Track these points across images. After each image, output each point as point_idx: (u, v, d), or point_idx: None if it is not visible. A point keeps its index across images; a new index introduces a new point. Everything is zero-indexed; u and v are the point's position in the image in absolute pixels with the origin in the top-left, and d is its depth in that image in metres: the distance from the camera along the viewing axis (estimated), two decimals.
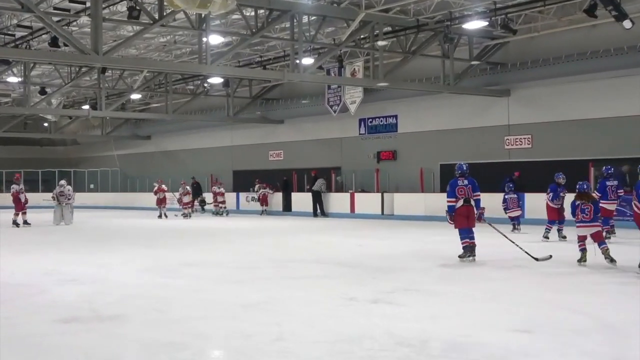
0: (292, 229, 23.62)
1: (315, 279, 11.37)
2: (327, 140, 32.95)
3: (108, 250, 16.50)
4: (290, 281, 11.13)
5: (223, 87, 32.48)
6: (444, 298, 9.37)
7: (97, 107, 32.05)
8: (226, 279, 11.32)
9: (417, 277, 11.40)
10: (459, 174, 13.28)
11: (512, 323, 7.70)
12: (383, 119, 30.39)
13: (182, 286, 10.64)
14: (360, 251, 15.61)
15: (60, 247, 17.62)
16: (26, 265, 13.50)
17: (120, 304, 9.14)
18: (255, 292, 9.90)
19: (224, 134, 38.63)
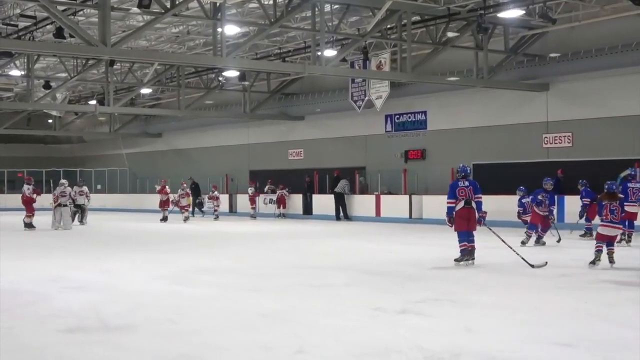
0: (313, 233, 23.60)
1: (338, 287, 11.34)
2: (351, 138, 32.91)
3: (116, 256, 16.56)
4: (312, 289, 11.11)
5: (239, 81, 32.46)
6: (479, 309, 9.30)
7: (105, 102, 32.20)
8: (243, 287, 11.32)
9: (449, 286, 11.32)
10: (461, 176, 13.96)
11: (553, 336, 7.63)
12: (411, 115, 30.31)
13: (196, 294, 10.64)
14: (387, 258, 15.57)
15: (65, 251, 17.69)
16: (29, 271, 13.57)
17: (130, 313, 9.15)
18: (275, 301, 9.88)
19: (240, 131, 38.69)
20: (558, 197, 20.37)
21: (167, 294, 10.75)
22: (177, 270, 13.47)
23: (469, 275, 12.55)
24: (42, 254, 17.04)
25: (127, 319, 8.77)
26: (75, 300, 10.17)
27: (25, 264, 14.85)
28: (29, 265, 14.61)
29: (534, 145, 26.09)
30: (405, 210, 27.74)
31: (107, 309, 9.41)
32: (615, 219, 12.78)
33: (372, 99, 27.91)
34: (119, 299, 10.22)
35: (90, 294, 10.69)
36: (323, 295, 10.57)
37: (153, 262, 15.18)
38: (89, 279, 12.33)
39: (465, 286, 11.34)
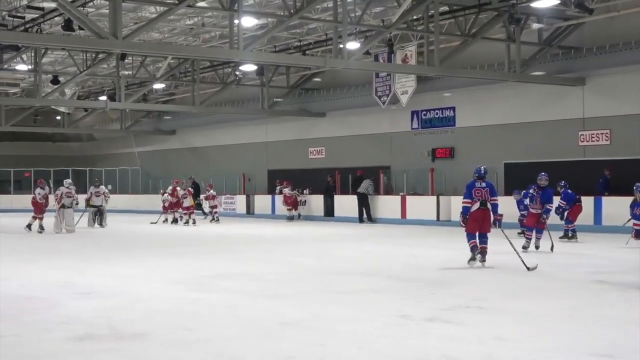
0: (335, 236, 23.60)
1: (362, 293, 11.33)
2: (375, 135, 32.89)
3: (128, 260, 16.63)
4: (335, 296, 11.11)
5: (257, 76, 32.58)
6: (511, 317, 9.27)
7: (116, 98, 32.32)
8: (263, 293, 11.33)
9: (479, 292, 11.30)
10: (477, 177, 14.69)
11: (589, 346, 7.59)
12: (439, 111, 30.25)
13: (213, 301, 10.66)
14: (414, 262, 15.55)
15: (74, 255, 17.78)
16: (37, 276, 13.65)
17: (143, 321, 9.18)
18: (296, 309, 9.89)
19: (258, 128, 38.75)
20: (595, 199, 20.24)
21: (182, 300, 10.77)
22: (193, 276, 13.51)
23: (498, 281, 12.54)
24: (50, 258, 17.13)
25: (140, 326, 8.80)
26: (85, 306, 10.22)
27: (32, 269, 14.94)
28: (37, 270, 14.70)
29: (569, 144, 25.96)
30: (433, 212, 27.67)
31: (119, 316, 9.44)
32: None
33: (397, 94, 27.88)
34: (131, 306, 10.26)
35: (101, 301, 10.73)
36: (346, 302, 10.56)
37: (167, 266, 15.23)
38: (99, 284, 12.39)
39: (495, 292, 11.31)
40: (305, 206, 32.70)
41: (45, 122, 46.48)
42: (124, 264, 15.68)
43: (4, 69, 31.39)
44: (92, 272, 14.33)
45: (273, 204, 34.54)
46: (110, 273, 14.08)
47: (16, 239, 23.36)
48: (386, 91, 28.40)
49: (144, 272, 14.21)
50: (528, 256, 15.24)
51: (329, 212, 31.98)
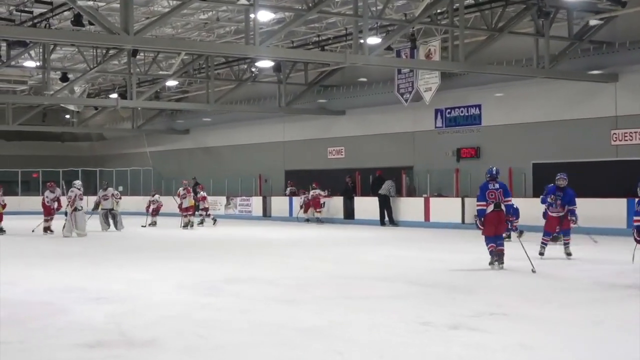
0: (355, 240, 23.60)
1: (383, 299, 11.35)
2: (397, 134, 32.86)
3: (139, 264, 16.72)
4: (354, 302, 11.12)
5: (274, 72, 32.58)
6: (538, 324, 9.27)
7: (127, 96, 32.42)
8: (279, 299, 11.36)
9: (505, 298, 11.31)
10: (489, 178, 15.16)
11: (620, 355, 7.58)
12: (464, 109, 30.20)
13: (227, 306, 10.71)
14: (437, 267, 15.55)
15: (84, 259, 17.88)
16: (44, 281, 13.74)
17: (154, 327, 9.23)
18: (313, 315, 9.92)
19: (275, 127, 38.79)
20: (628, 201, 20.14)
21: (194, 305, 10.81)
22: (206, 280, 13.58)
23: (522, 287, 12.53)
24: (57, 262, 17.23)
25: (151, 333, 8.85)
26: (95, 312, 10.28)
27: (39, 273, 15.04)
28: (44, 274, 14.79)
29: (601, 143, 25.85)
30: (457, 214, 27.62)
31: (129, 322, 9.50)
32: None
33: (420, 91, 27.84)
34: (142, 311, 10.31)
35: (110, 306, 10.79)
36: (366, 308, 10.57)
37: (180, 270, 15.29)
38: (109, 289, 12.46)
39: (521, 299, 11.31)
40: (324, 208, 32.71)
41: (54, 121, 46.65)
42: (134, 268, 15.76)
43: (12, 65, 31.52)
44: (101, 276, 14.41)
45: (290, 206, 34.59)
46: (120, 277, 14.16)
47: (23, 242, 23.48)
48: (409, 88, 28.36)
49: (155, 277, 14.29)
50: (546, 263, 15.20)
51: (349, 214, 31.98)
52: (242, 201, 37.49)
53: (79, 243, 22.71)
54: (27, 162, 47.20)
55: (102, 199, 27.74)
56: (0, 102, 37.71)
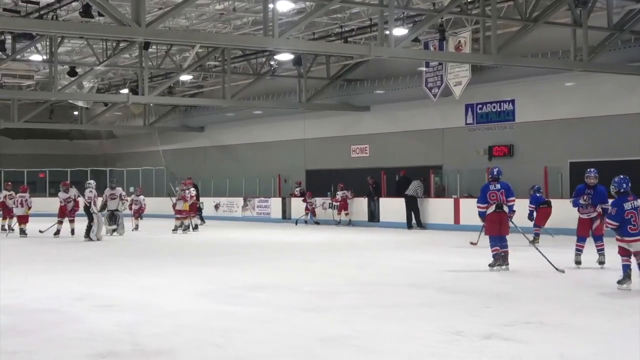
0: (380, 244, 23.59)
1: (411, 307, 11.34)
2: (425, 131, 32.81)
3: (153, 269, 16.76)
4: (381, 310, 11.12)
5: (294, 66, 32.64)
6: (575, 333, 9.25)
7: (139, 91, 32.51)
8: (301, 307, 11.37)
9: (542, 306, 11.28)
10: (491, 179, 15.91)
11: None
12: (496, 104, 30.12)
13: (246, 315, 10.72)
14: (469, 273, 15.54)
15: (94, 265, 17.99)
16: (53, 287, 13.79)
17: (169, 336, 9.26)
18: (337, 324, 9.92)
19: (295, 124, 38.82)
20: None
21: (212, 314, 10.84)
22: (224, 287, 13.62)
23: (559, 294, 12.51)
24: (67, 267, 17.30)
25: (166, 342, 8.88)
26: (106, 321, 10.31)
27: (47, 279, 15.09)
28: (52, 281, 14.84)
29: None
30: None
31: (143, 331, 9.53)
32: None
33: (449, 85, 27.80)
34: (157, 320, 10.34)
35: (123, 314, 10.84)
36: (393, 316, 10.58)
37: (195, 276, 15.33)
38: (121, 297, 12.51)
39: (557, 306, 11.29)
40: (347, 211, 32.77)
41: (61, 118, 46.87)
42: (147, 274, 15.81)
43: (17, 59, 31.76)
44: (113, 282, 14.46)
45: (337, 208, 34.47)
46: (133, 284, 14.22)
47: (30, 246, 23.58)
48: (437, 82, 28.34)
49: (169, 283, 14.33)
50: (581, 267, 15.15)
51: (372, 216, 31.97)
52: (260, 202, 37.56)
53: (89, 248, 22.77)
54: (33, 162, 47.43)
55: (110, 198, 27.23)
56: (5, 98, 37.97)
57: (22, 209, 27.24)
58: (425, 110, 31.87)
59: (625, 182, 13.11)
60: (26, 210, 27.26)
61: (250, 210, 37.85)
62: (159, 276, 15.41)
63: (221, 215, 39.16)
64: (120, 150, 51.95)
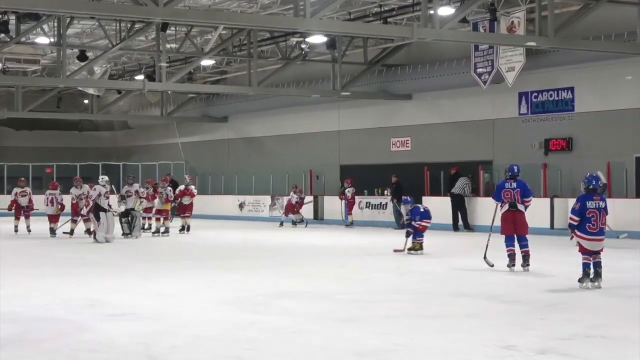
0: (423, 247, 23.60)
1: (457, 318, 11.35)
2: (474, 123, 32.71)
3: (170, 275, 16.83)
4: (423, 321, 11.12)
5: (327, 50, 32.63)
6: None
7: (156, 77, 32.67)
8: (334, 316, 11.40)
9: (599, 317, 11.27)
10: (509, 176, 16.68)
11: None
12: (553, 92, 29.98)
13: (273, 325, 10.75)
14: (522, 281, 15.49)
15: (105, 269, 18.11)
16: (61, 294, 13.88)
17: (189, 349, 9.31)
18: (375, 336, 9.93)
19: (329, 114, 38.80)
20: None
21: (236, 324, 10.87)
22: (250, 294, 13.66)
23: (620, 304, 12.51)
24: (77, 272, 17.41)
25: (185, 356, 8.93)
26: (120, 331, 10.36)
27: (55, 284, 15.21)
28: (60, 286, 14.96)
29: None
30: (545, 217, 27.44)
31: (159, 343, 9.59)
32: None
33: (501, 71, 27.74)
34: (174, 331, 10.38)
35: (137, 324, 10.90)
36: (436, 328, 10.58)
37: (217, 283, 15.41)
38: (135, 304, 12.58)
39: (619, 318, 11.29)
40: None
41: (70, 107, 47.17)
42: (164, 280, 15.89)
43: (22, 42, 31.98)
44: (126, 289, 14.56)
45: (345, 207, 34.50)
46: (148, 290, 14.30)
47: (36, 248, 23.77)
48: (488, 68, 28.26)
49: (188, 290, 14.41)
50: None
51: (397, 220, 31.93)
52: None
53: (100, 250, 22.91)
54: (38, 155, 47.71)
55: (126, 195, 27.05)
56: (9, 84, 38.30)
57: (53, 207, 27.55)
58: (473, 99, 31.78)
59: (595, 180, 14.35)
60: (57, 209, 27.53)
61: (278, 209, 37.83)
62: (176, 282, 15.48)
63: (246, 215, 39.25)
64: (134, 142, 52.15)
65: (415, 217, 20.57)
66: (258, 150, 43.23)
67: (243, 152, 44.16)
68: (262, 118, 42.27)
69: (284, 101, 38.96)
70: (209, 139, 46.50)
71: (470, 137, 32.79)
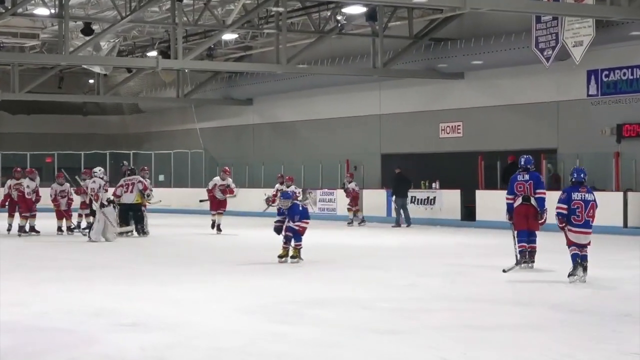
0: (476, 249, 23.55)
1: (516, 330, 11.32)
2: (535, 105, 32.64)
3: (188, 279, 16.89)
4: (478, 333, 11.10)
5: (367, 22, 32.60)
6: None
7: (171, 54, 32.74)
8: (374, 328, 11.39)
9: None
10: (521, 169, 17.88)
11: None
12: (627, 71, 29.86)
13: (308, 338, 10.76)
14: (591, 288, 15.43)
15: (114, 273, 18.19)
16: (63, 301, 13.95)
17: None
18: (423, 350, 9.93)
19: (368, 95, 38.82)
20: None
21: (262, 335, 10.88)
22: (278, 302, 13.69)
23: None
24: (81, 276, 17.51)
25: None
26: (129, 342, 10.41)
27: (58, 290, 15.29)
28: (63, 292, 15.03)
29: None
30: (618, 214, 27.37)
31: (176, 356, 9.63)
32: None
33: (567, 46, 27.62)
34: (192, 343, 10.41)
35: (150, 335, 10.94)
36: (494, 341, 10.56)
37: (241, 288, 15.46)
38: (147, 313, 12.62)
39: None
40: None
41: (73, 88, 47.36)
42: (180, 285, 15.93)
43: (19, 14, 32.06)
44: (137, 295, 14.63)
45: (388, 203, 34.47)
46: (162, 297, 14.37)
47: (37, 249, 23.91)
48: (551, 43, 28.16)
49: (207, 296, 14.47)
50: None
51: (468, 214, 31.84)
52: (323, 195, 37.63)
53: (107, 251, 23.00)
54: (38, 143, 47.93)
55: (125, 188, 27.12)
56: (4, 62, 38.49)
57: (64, 201, 27.90)
58: (535, 78, 31.72)
59: (581, 172, 16.18)
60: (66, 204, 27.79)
61: (310, 205, 37.72)
62: (194, 287, 15.55)
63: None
64: (147, 128, 52.35)
65: (294, 216, 19.23)
66: (287, 137, 43.29)
67: (270, 139, 44.24)
68: (292, 100, 42.34)
69: (317, 81, 38.99)
70: (231, 124, 46.63)
71: (531, 122, 32.71)
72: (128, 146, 49.27)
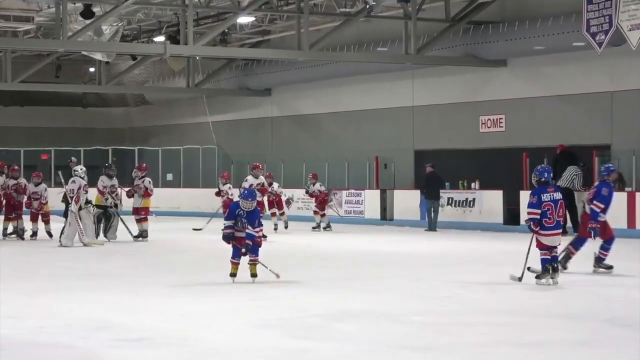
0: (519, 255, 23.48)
1: (567, 346, 11.34)
2: (586, 96, 32.58)
3: (197, 290, 16.95)
4: (524, 351, 11.11)
5: (399, 3, 32.60)
6: None
7: (180, 39, 32.80)
8: (407, 344, 11.43)
9: None
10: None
11: None
12: None
13: (330, 353, 10.81)
14: None
15: (116, 282, 18.24)
16: (62, 313, 14.01)
17: None
18: None
19: (400, 85, 38.77)
20: None
21: (281, 352, 10.94)
22: (300, 315, 13.74)
23: None
24: (81, 285, 17.57)
25: None
26: (135, 359, 10.44)
27: (56, 302, 15.33)
28: (61, 304, 15.08)
29: None
30: None
31: None
32: None
33: (622, 29, 27.58)
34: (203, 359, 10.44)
35: (156, 351, 11.01)
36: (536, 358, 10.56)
37: (258, 300, 15.48)
38: (154, 327, 12.67)
39: None
40: None
41: (72, 77, 47.47)
42: (190, 296, 15.98)
43: None
44: (142, 307, 14.68)
45: (422, 205, 34.39)
46: (171, 309, 14.41)
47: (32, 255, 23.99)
48: (604, 26, 28.11)
49: (220, 309, 14.52)
50: None
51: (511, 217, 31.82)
52: (349, 196, 37.63)
53: (110, 259, 23.05)
54: (33, 138, 48.06)
55: (110, 192, 27.23)
56: None
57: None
58: (586, 66, 31.66)
59: (547, 172, 17.18)
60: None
61: (335, 207, 37.78)
62: (206, 299, 15.58)
63: (295, 214, 39.21)
64: (153, 121, 52.44)
65: (254, 221, 17.62)
66: (309, 131, 43.32)
67: (290, 134, 44.27)
68: (315, 91, 42.36)
69: (342, 69, 38.99)
70: (247, 117, 46.69)
71: (582, 115, 32.65)
72: (132, 141, 49.43)
